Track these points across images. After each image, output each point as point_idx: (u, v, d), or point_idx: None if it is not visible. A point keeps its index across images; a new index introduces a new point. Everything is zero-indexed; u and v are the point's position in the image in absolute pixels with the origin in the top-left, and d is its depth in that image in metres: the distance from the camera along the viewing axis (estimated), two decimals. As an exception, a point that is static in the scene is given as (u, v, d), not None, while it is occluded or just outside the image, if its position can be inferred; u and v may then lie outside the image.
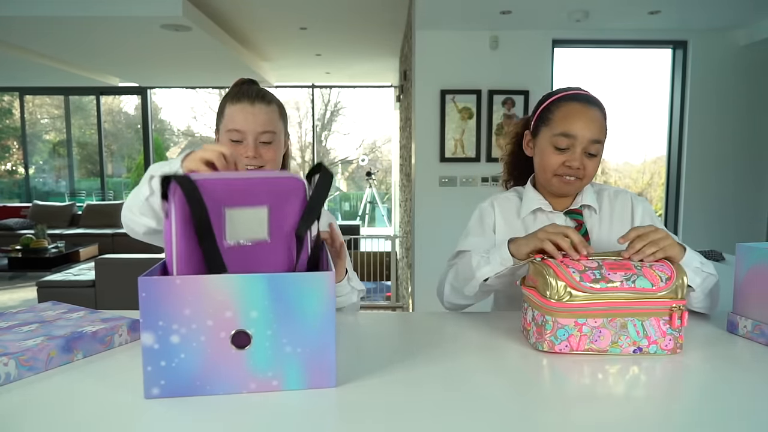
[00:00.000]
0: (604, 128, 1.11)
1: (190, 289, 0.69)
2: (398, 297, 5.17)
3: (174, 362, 0.70)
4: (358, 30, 4.87)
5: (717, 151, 4.05)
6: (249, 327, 0.71)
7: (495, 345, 0.93)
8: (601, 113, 1.11)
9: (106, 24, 3.98)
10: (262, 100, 1.15)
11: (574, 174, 1.11)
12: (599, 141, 1.10)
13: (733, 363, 0.87)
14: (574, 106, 1.11)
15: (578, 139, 1.09)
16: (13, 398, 0.71)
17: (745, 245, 0.97)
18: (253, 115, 1.13)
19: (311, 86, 8.10)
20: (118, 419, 0.65)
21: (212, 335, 0.70)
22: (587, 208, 1.18)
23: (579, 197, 1.18)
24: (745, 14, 3.59)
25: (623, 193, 1.21)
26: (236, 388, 0.72)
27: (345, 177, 10.36)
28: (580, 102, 1.11)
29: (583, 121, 1.09)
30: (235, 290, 0.70)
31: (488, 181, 3.91)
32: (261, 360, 0.71)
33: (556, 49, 3.94)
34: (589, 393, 0.75)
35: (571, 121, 1.09)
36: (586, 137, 1.08)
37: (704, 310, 1.08)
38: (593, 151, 1.10)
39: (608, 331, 0.86)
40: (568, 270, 0.87)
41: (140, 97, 7.66)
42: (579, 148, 1.09)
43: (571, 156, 1.10)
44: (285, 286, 0.71)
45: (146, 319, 0.68)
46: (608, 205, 1.19)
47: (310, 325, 0.72)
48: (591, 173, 1.12)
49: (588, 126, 1.09)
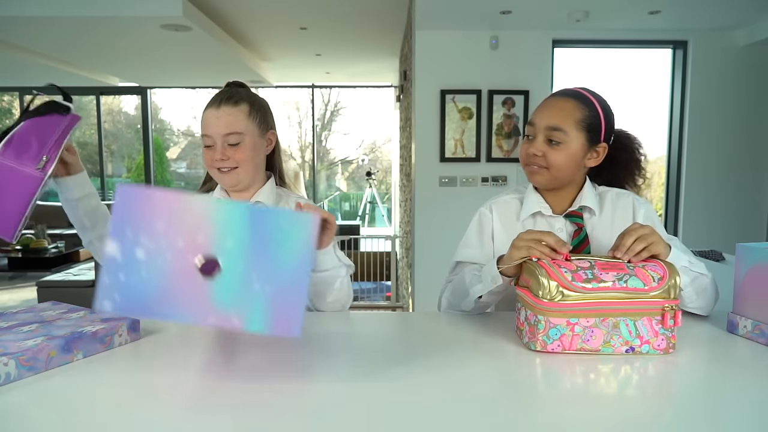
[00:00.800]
0: (573, 119, 1.07)
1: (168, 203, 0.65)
2: (398, 297, 5.17)
3: (134, 278, 0.66)
4: (358, 30, 4.87)
5: (717, 151, 4.05)
6: (221, 255, 0.67)
7: (490, 344, 0.94)
8: (576, 104, 1.08)
9: (106, 24, 3.98)
10: (228, 101, 1.16)
11: (535, 162, 1.10)
12: (558, 128, 1.06)
13: (731, 363, 0.87)
14: (547, 99, 1.12)
15: (537, 126, 1.09)
16: (13, 398, 0.71)
17: (745, 245, 0.97)
18: (217, 118, 1.15)
19: (311, 86, 8.10)
20: (118, 419, 0.65)
21: (180, 257, 0.66)
22: (587, 210, 1.15)
23: (579, 198, 1.15)
24: (745, 14, 3.59)
25: (625, 196, 1.18)
26: (194, 317, 0.68)
27: (345, 177, 10.35)
28: (555, 95, 1.12)
29: (545, 110, 1.09)
30: (214, 214, 0.66)
31: (488, 181, 3.91)
32: (226, 293, 0.68)
33: (556, 49, 3.94)
34: (581, 392, 0.75)
35: (536, 111, 1.12)
36: (543, 124, 1.08)
37: (699, 311, 1.07)
38: (555, 139, 1.07)
39: (600, 330, 0.86)
40: (560, 270, 0.87)
41: (140, 97, 7.65)
42: (540, 137, 1.09)
43: (532, 144, 1.10)
44: (267, 220, 0.68)
45: (115, 227, 0.65)
46: (610, 206, 1.16)
47: (285, 266, 0.68)
48: (556, 163, 1.08)
49: (548, 113, 1.08)
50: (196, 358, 0.86)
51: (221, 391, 0.75)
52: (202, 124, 1.18)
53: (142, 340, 0.94)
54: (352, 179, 10.37)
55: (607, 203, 1.17)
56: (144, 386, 0.75)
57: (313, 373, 0.82)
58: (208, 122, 1.16)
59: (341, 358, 0.88)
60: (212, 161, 1.17)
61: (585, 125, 1.08)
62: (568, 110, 1.08)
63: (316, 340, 0.94)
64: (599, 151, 1.12)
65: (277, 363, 0.84)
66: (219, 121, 1.15)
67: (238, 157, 1.16)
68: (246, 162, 1.17)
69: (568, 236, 1.14)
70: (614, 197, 1.17)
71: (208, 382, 0.77)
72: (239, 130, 1.16)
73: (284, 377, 0.79)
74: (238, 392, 0.73)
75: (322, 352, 0.90)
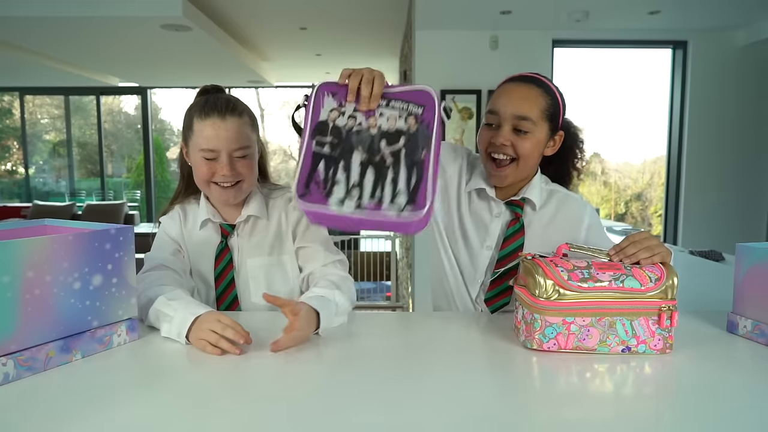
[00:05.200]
0: (538, 107, 1.06)
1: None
2: (398, 297, 5.17)
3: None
4: (358, 30, 4.87)
5: (717, 151, 4.04)
6: None
7: (488, 343, 0.94)
8: (539, 91, 1.07)
9: (106, 24, 3.98)
10: (233, 112, 1.08)
11: (502, 152, 1.07)
12: (526, 117, 1.05)
13: (731, 363, 0.87)
14: (506, 85, 1.10)
15: (501, 114, 1.07)
16: (12, 398, 0.71)
17: (745, 245, 0.97)
18: (225, 131, 1.06)
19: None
20: (117, 419, 0.65)
21: None
22: (529, 202, 1.14)
23: (525, 189, 1.14)
24: (745, 14, 3.59)
25: (574, 201, 1.16)
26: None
27: (345, 177, 10.37)
28: (515, 82, 1.09)
29: (508, 97, 1.07)
30: None
31: (488, 181, 3.91)
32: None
33: (556, 49, 3.94)
34: (577, 391, 0.75)
35: (498, 98, 1.09)
36: (508, 112, 1.05)
37: None
38: (523, 128, 1.05)
39: (596, 330, 0.86)
40: (557, 269, 0.87)
41: (140, 97, 7.66)
42: (506, 126, 1.06)
43: (497, 132, 1.07)
44: None
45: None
46: (554, 207, 1.15)
47: None
48: (525, 152, 1.07)
49: (513, 102, 1.06)
50: (194, 359, 0.86)
51: (220, 391, 0.75)
52: (200, 135, 1.07)
53: (140, 340, 0.94)
54: (352, 179, 10.37)
55: (553, 201, 1.16)
56: (143, 386, 0.75)
57: (312, 372, 0.82)
58: (211, 134, 1.06)
59: (341, 358, 0.88)
60: (212, 175, 1.08)
61: (548, 114, 1.08)
62: (533, 98, 1.06)
63: (316, 339, 0.94)
64: (556, 140, 1.12)
65: (275, 363, 0.84)
66: (228, 135, 1.06)
67: (244, 170, 1.10)
68: (250, 174, 1.12)
69: (504, 224, 1.15)
70: (562, 198, 1.16)
71: (206, 382, 0.77)
72: (247, 143, 1.10)
73: (284, 377, 0.79)
74: (236, 392, 0.73)
75: (322, 351, 0.90)
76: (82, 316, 0.85)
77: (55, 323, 0.81)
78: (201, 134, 1.07)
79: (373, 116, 0.86)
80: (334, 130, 0.87)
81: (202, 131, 1.07)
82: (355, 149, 0.86)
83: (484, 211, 1.17)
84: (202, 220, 1.17)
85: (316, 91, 0.90)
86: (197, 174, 1.11)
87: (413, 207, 0.82)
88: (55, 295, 0.80)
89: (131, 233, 0.93)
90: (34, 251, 0.77)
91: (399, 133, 0.86)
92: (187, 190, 1.23)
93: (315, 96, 0.89)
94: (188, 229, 1.20)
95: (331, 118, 0.88)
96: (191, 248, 1.19)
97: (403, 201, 0.83)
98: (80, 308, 0.84)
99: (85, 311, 0.85)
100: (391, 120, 0.86)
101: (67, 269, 0.82)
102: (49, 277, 0.79)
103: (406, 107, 0.87)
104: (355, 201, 0.83)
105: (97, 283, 0.87)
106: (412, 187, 0.84)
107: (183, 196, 1.24)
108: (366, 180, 0.84)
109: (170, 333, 0.93)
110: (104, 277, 0.88)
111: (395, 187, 0.84)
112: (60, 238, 0.81)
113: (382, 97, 0.88)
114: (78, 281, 0.83)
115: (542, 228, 1.14)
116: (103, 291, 0.88)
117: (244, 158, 1.10)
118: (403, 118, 0.86)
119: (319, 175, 0.85)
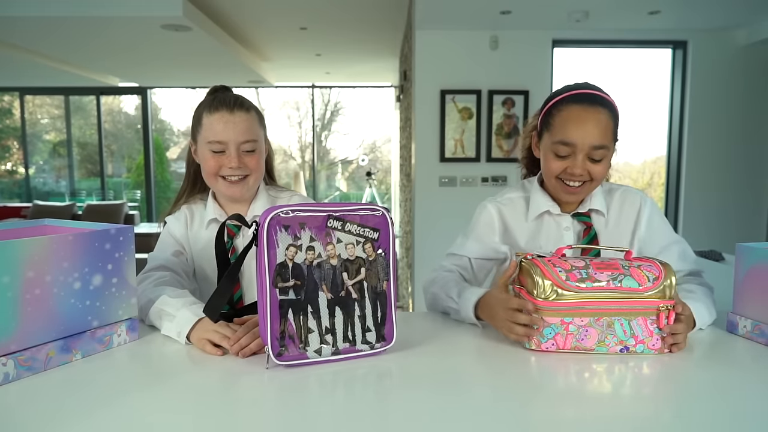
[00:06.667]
0: (610, 131, 1.04)
1: None
2: (398, 297, 5.17)
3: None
4: (358, 30, 4.87)
5: (717, 151, 4.04)
6: None
7: (487, 342, 0.95)
8: (607, 114, 1.04)
9: (106, 24, 3.98)
10: (241, 107, 1.12)
11: (578, 179, 1.06)
12: (603, 146, 1.03)
13: (731, 363, 0.87)
14: (574, 109, 1.04)
15: (578, 146, 1.03)
16: (12, 398, 0.71)
17: (745, 245, 0.97)
18: (234, 124, 1.10)
19: (311, 86, 8.10)
20: (117, 419, 0.65)
21: None
22: (595, 212, 1.14)
23: (588, 200, 1.13)
24: (745, 14, 3.59)
25: (632, 194, 1.17)
26: None
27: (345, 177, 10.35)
28: (582, 104, 1.04)
29: (583, 128, 1.02)
30: None
31: (488, 181, 3.91)
32: None
33: (556, 49, 3.94)
34: (575, 390, 0.75)
35: (571, 128, 1.03)
36: (586, 144, 1.02)
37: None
38: (597, 157, 1.03)
39: (595, 330, 0.86)
40: (555, 269, 0.87)
41: (140, 97, 7.65)
42: (580, 156, 1.03)
43: (573, 163, 1.04)
44: None
45: None
46: (617, 206, 1.16)
47: None
48: (598, 177, 1.06)
49: (589, 132, 1.02)
50: (194, 358, 0.86)
51: (220, 391, 0.75)
52: (209, 129, 1.11)
53: (140, 340, 0.94)
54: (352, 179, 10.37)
55: (615, 202, 1.16)
56: (143, 386, 0.75)
57: (311, 372, 0.82)
58: (219, 127, 1.10)
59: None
60: (220, 168, 1.11)
61: (614, 134, 1.06)
62: (605, 125, 1.03)
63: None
64: (616, 149, 1.10)
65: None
66: (236, 127, 1.10)
67: (252, 164, 1.13)
68: (257, 170, 1.15)
69: (576, 235, 1.13)
70: (621, 195, 1.16)
71: (206, 382, 0.77)
72: (255, 138, 1.13)
73: (283, 377, 0.79)
74: (236, 392, 0.74)
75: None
76: (82, 316, 0.85)
77: (55, 323, 0.81)
78: (210, 128, 1.10)
79: (331, 243, 0.83)
80: (294, 270, 0.81)
81: (211, 125, 1.10)
82: (319, 288, 0.83)
83: (552, 228, 1.15)
84: (208, 219, 1.18)
85: (268, 227, 0.80)
86: (205, 168, 1.14)
87: (383, 343, 0.88)
88: (55, 295, 0.80)
89: (131, 233, 0.93)
90: (34, 251, 0.77)
91: (359, 262, 0.85)
92: (193, 189, 1.25)
93: (267, 233, 0.80)
94: (194, 230, 1.21)
95: (289, 256, 0.81)
96: (196, 248, 1.20)
97: (374, 338, 0.87)
98: (80, 308, 0.84)
99: (85, 311, 0.85)
100: (349, 248, 0.84)
101: (67, 269, 0.82)
102: (49, 277, 0.79)
103: (362, 232, 0.85)
104: (331, 347, 0.84)
105: (97, 283, 0.87)
106: (379, 321, 0.87)
107: (188, 195, 1.25)
108: (336, 321, 0.84)
109: (170, 331, 0.93)
110: (104, 277, 0.88)
111: (364, 323, 0.86)
112: (60, 238, 0.81)
113: (337, 218, 0.84)
114: (78, 281, 0.83)
115: (612, 230, 1.13)
116: (103, 291, 0.88)
117: (252, 152, 1.13)
118: (361, 245, 0.85)
119: (291, 327, 0.81)
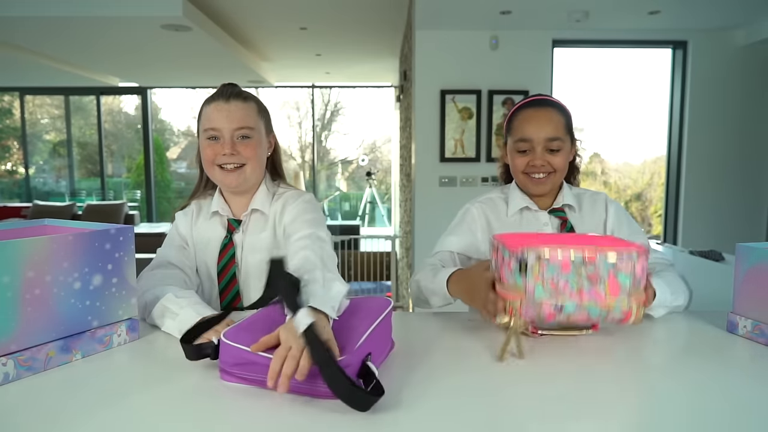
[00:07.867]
0: (562, 125, 1.20)
1: None
2: (398, 297, 5.17)
3: None
4: (358, 30, 4.87)
5: (717, 151, 4.04)
6: None
7: (486, 343, 0.94)
8: (558, 112, 1.20)
9: (106, 24, 3.98)
10: (238, 97, 1.15)
11: (540, 170, 1.19)
12: (557, 138, 1.18)
13: (731, 363, 0.87)
14: (528, 111, 1.21)
15: (535, 140, 1.18)
16: (11, 398, 0.71)
17: (745, 245, 0.97)
18: (228, 111, 1.13)
19: (311, 86, 8.10)
20: (117, 419, 0.65)
21: None
22: (568, 207, 1.25)
23: (560, 197, 1.25)
24: (745, 14, 3.59)
25: (598, 195, 1.30)
26: None
27: (345, 177, 10.35)
28: (533, 107, 1.22)
29: (537, 124, 1.19)
30: None
31: (488, 181, 3.91)
32: None
33: (556, 49, 3.94)
34: (573, 392, 0.75)
35: (527, 126, 1.20)
36: (542, 137, 1.18)
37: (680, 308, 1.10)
38: (554, 148, 1.18)
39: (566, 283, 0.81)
40: None
41: (140, 97, 7.66)
42: (539, 149, 1.19)
43: (533, 156, 1.19)
44: None
45: None
46: (588, 204, 1.27)
47: None
48: (559, 167, 1.20)
49: (543, 127, 1.18)
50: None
51: (220, 391, 0.75)
52: (206, 118, 1.14)
53: (140, 340, 0.94)
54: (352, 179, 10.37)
55: (585, 202, 1.29)
56: (143, 386, 0.75)
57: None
58: (215, 115, 1.13)
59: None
60: (216, 156, 1.13)
61: (568, 128, 1.22)
62: (556, 120, 1.20)
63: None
64: (574, 149, 1.26)
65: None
66: (230, 115, 1.12)
67: (247, 152, 1.14)
68: (253, 159, 1.15)
69: (555, 229, 1.24)
70: (590, 196, 1.30)
71: (206, 382, 0.77)
72: (250, 125, 1.14)
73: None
74: (236, 392, 0.73)
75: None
76: (82, 316, 0.85)
77: (55, 323, 0.81)
78: (207, 116, 1.14)
79: None
80: None
81: (207, 114, 1.15)
82: None
83: (532, 223, 1.26)
84: (211, 212, 1.21)
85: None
86: (203, 157, 1.17)
87: None
88: (55, 295, 0.80)
89: (131, 233, 0.93)
90: (34, 251, 0.77)
91: None
92: (205, 186, 1.28)
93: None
94: (198, 224, 1.23)
95: None
96: (199, 242, 1.22)
97: None
98: (80, 308, 0.84)
99: (85, 311, 0.85)
100: None
101: (67, 269, 0.82)
102: (49, 277, 0.79)
103: None
104: None
105: (97, 283, 0.87)
106: None
107: (200, 191, 1.28)
108: None
109: (171, 329, 0.93)
110: (104, 277, 0.88)
111: None
112: (60, 238, 0.81)
113: None
114: (78, 281, 0.83)
115: (585, 225, 1.25)
116: (103, 291, 0.88)
117: (247, 140, 1.14)
118: None
119: None
